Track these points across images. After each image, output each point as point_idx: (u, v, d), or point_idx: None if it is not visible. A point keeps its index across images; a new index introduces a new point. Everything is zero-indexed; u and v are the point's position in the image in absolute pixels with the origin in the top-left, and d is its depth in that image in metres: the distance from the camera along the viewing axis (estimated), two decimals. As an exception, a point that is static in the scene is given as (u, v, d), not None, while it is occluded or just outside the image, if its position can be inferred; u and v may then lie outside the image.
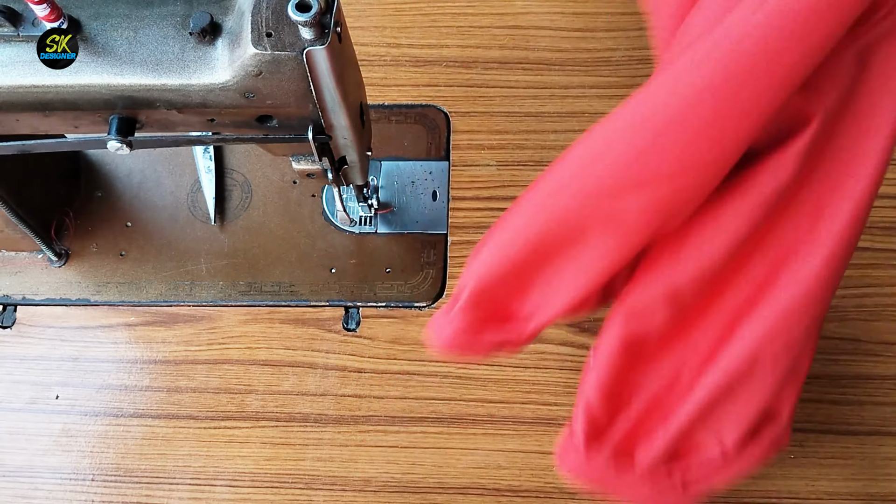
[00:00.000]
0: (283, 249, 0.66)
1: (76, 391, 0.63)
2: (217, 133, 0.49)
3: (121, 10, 0.44)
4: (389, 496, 0.59)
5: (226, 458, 0.60)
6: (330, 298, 0.64)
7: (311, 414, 0.61)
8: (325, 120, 0.47)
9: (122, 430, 0.62)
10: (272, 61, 0.41)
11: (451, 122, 0.69)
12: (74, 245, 0.67)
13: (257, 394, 0.62)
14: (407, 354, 0.63)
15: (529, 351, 0.62)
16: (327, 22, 0.40)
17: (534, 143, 0.68)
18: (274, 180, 0.68)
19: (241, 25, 0.42)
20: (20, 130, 0.49)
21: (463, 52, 0.72)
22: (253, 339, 0.64)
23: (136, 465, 0.60)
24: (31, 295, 0.66)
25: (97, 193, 0.69)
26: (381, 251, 0.66)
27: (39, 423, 0.62)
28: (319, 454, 0.60)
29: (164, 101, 0.45)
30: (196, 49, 0.43)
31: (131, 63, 0.43)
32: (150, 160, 0.69)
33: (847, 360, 0.62)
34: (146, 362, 0.63)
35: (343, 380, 0.62)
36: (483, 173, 0.68)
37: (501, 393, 0.61)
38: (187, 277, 0.65)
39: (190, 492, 0.60)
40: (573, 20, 0.72)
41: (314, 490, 0.59)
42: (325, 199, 0.68)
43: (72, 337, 0.64)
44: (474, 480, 0.59)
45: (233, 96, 0.44)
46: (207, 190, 0.67)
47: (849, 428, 0.60)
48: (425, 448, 0.60)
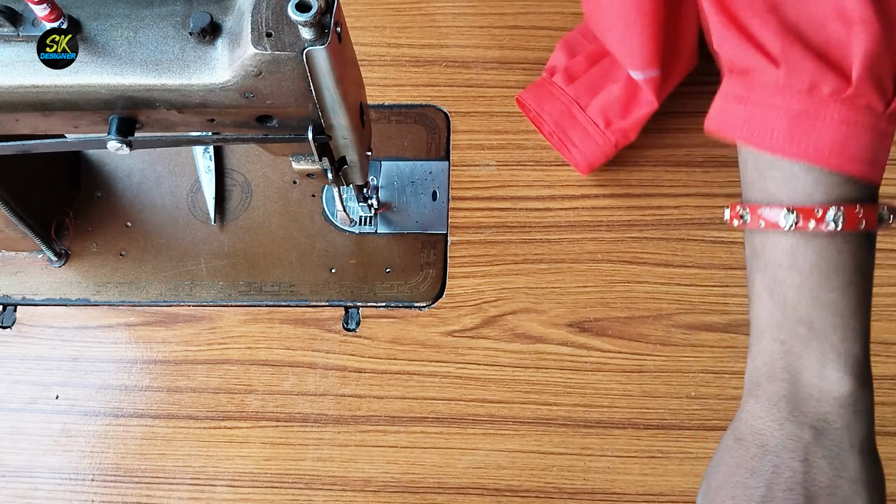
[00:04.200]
0: (283, 249, 0.66)
1: (76, 391, 0.63)
2: (217, 133, 0.49)
3: (121, 10, 0.44)
4: (389, 496, 0.59)
5: (226, 458, 0.60)
6: (330, 298, 0.64)
7: (310, 414, 0.61)
8: (325, 120, 0.47)
9: (122, 430, 0.62)
10: (272, 61, 0.41)
11: (451, 122, 0.69)
12: (74, 245, 0.67)
13: (257, 394, 0.62)
14: (407, 354, 0.63)
15: (529, 351, 0.62)
16: (327, 22, 0.40)
17: (534, 143, 0.68)
18: (274, 180, 0.68)
19: (241, 25, 0.42)
20: (20, 130, 0.49)
21: (463, 52, 0.72)
22: (253, 339, 0.64)
23: (136, 465, 0.61)
24: (31, 295, 0.66)
25: (97, 193, 0.69)
26: (381, 251, 0.66)
27: (39, 423, 0.62)
28: (319, 454, 0.60)
29: (164, 101, 0.45)
30: (196, 49, 0.43)
31: (131, 63, 0.43)
32: (150, 160, 0.69)
33: (847, 360, 0.61)
34: (146, 362, 0.63)
35: (343, 380, 0.62)
36: (483, 173, 0.68)
37: (501, 393, 0.61)
38: (187, 277, 0.65)
39: (190, 492, 0.60)
40: (573, 20, 0.72)
41: (314, 490, 0.59)
42: (325, 199, 0.68)
43: (72, 337, 0.64)
44: (474, 480, 0.59)
45: (233, 96, 0.44)
46: (207, 190, 0.67)
47: (849, 428, 0.60)
48: (425, 448, 0.60)
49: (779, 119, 0.36)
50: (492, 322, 0.63)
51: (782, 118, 0.36)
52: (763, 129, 0.37)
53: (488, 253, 0.65)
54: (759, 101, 0.37)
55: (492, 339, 0.63)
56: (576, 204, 0.66)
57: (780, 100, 0.36)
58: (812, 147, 0.35)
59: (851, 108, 0.35)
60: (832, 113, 0.35)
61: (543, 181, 0.67)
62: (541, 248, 0.65)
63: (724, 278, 0.64)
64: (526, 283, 0.64)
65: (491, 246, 0.66)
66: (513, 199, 0.67)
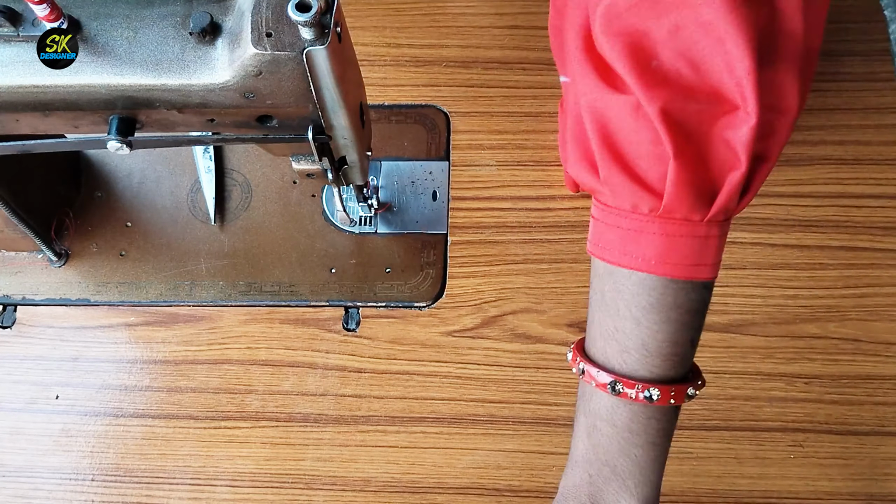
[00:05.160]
0: (283, 249, 0.66)
1: (76, 391, 0.63)
2: (217, 133, 0.49)
3: (121, 10, 0.43)
4: (389, 496, 0.59)
5: (226, 458, 0.60)
6: (330, 298, 0.64)
7: (311, 414, 0.61)
8: (325, 120, 0.47)
9: (122, 430, 0.62)
10: (272, 61, 0.41)
11: (451, 122, 0.69)
12: (74, 245, 0.67)
13: (257, 394, 0.62)
14: (407, 354, 0.63)
15: (529, 351, 0.62)
16: (327, 22, 0.40)
17: (534, 143, 0.68)
18: (274, 180, 0.68)
19: (241, 25, 0.42)
20: (20, 130, 0.49)
21: (463, 52, 0.72)
22: (253, 339, 0.64)
23: (136, 465, 0.61)
24: (31, 295, 0.66)
25: (97, 193, 0.69)
26: (381, 251, 0.66)
27: (39, 423, 0.62)
28: (319, 454, 0.60)
29: (164, 101, 0.45)
30: (196, 49, 0.43)
31: (131, 63, 0.43)
32: (150, 160, 0.69)
33: (847, 360, 0.62)
34: (146, 362, 0.63)
35: (343, 380, 0.62)
36: (483, 173, 0.68)
37: (501, 393, 0.61)
38: (187, 277, 0.65)
39: (190, 492, 0.60)
40: (573, 20, 0.72)
41: (314, 490, 0.59)
42: (325, 199, 0.68)
43: (72, 337, 0.64)
44: (474, 480, 0.59)
45: (233, 96, 0.44)
46: (207, 190, 0.67)
47: (849, 428, 0.60)
48: (425, 448, 0.60)
49: (613, 235, 0.42)
50: (492, 322, 0.63)
51: (615, 234, 0.42)
52: (604, 243, 0.43)
53: (488, 253, 0.65)
54: (600, 218, 0.43)
55: (492, 339, 0.63)
56: (576, 204, 0.66)
57: (613, 218, 0.42)
58: (640, 258, 0.41)
59: (667, 222, 0.40)
60: (653, 228, 0.41)
61: (543, 181, 0.67)
62: (541, 248, 0.65)
63: (724, 278, 0.64)
64: (526, 283, 0.64)
65: (491, 246, 0.66)
66: (513, 199, 0.67)
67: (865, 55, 0.70)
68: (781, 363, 0.62)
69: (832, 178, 0.66)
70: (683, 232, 0.41)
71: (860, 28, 0.71)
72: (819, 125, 0.68)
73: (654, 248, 0.41)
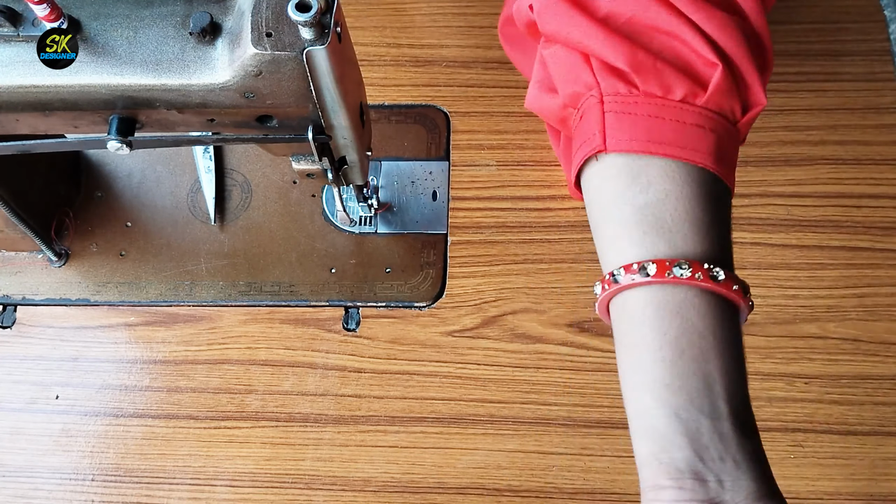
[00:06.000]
0: (283, 249, 0.66)
1: (76, 391, 0.63)
2: (217, 133, 0.49)
3: (121, 10, 0.44)
4: (389, 496, 0.59)
5: (226, 458, 0.60)
6: (330, 298, 0.64)
7: (310, 414, 0.61)
8: (325, 120, 0.47)
9: (122, 430, 0.62)
10: (272, 61, 0.41)
11: (451, 122, 0.69)
12: (74, 245, 0.67)
13: (257, 394, 0.62)
14: (407, 354, 0.63)
15: (529, 351, 0.62)
16: (327, 22, 0.40)
17: (534, 143, 0.68)
18: (274, 180, 0.68)
19: (241, 25, 0.42)
20: (20, 130, 0.49)
21: (463, 52, 0.72)
22: (253, 339, 0.64)
23: (136, 465, 0.61)
24: (31, 295, 0.66)
25: (97, 193, 0.69)
26: (381, 251, 0.66)
27: (39, 423, 0.62)
28: (319, 454, 0.60)
29: (164, 101, 0.45)
30: (196, 49, 0.43)
31: (131, 63, 0.43)
32: (150, 160, 0.69)
33: (847, 360, 0.62)
34: (146, 362, 0.63)
35: (343, 380, 0.62)
36: (483, 173, 0.68)
37: (501, 393, 0.61)
38: (187, 277, 0.65)
39: (190, 492, 0.60)
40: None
41: (314, 490, 0.59)
42: (325, 199, 0.68)
43: (72, 337, 0.64)
44: (474, 480, 0.59)
45: (233, 96, 0.44)
46: (207, 190, 0.67)
47: (849, 428, 0.60)
48: (425, 448, 0.60)
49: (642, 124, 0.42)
50: (492, 322, 0.63)
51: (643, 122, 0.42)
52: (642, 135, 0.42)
53: (488, 253, 0.65)
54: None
55: (492, 339, 0.63)
56: (576, 204, 0.66)
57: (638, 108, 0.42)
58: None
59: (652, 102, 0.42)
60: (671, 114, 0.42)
61: (543, 181, 0.67)
62: (541, 248, 0.65)
63: (724, 278, 0.63)
64: (526, 283, 0.64)
65: (491, 246, 0.66)
66: (513, 199, 0.67)
67: (865, 55, 0.70)
68: (781, 363, 0.62)
69: (832, 178, 0.66)
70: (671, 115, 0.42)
71: (860, 28, 0.71)
72: (819, 125, 0.68)
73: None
